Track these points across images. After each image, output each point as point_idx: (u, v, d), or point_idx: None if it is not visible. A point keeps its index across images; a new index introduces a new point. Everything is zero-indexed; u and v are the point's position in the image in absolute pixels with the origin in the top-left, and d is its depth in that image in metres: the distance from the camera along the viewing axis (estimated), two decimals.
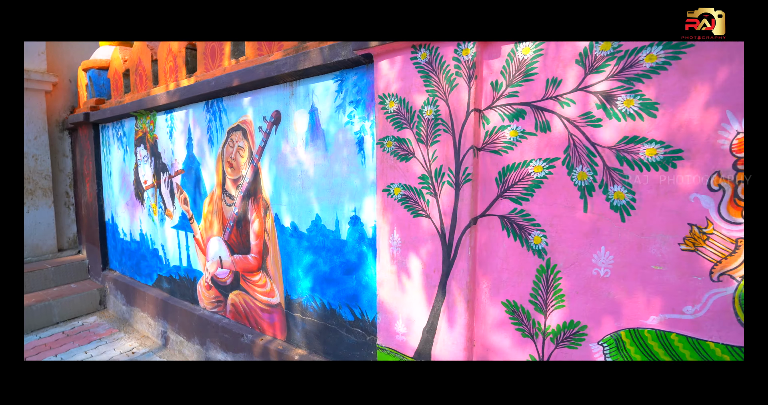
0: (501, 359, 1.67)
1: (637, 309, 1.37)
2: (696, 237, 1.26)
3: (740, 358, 1.22)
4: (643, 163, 1.32)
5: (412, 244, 1.81)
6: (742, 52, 1.16)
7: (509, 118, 1.56)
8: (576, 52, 1.41)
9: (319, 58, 2.09)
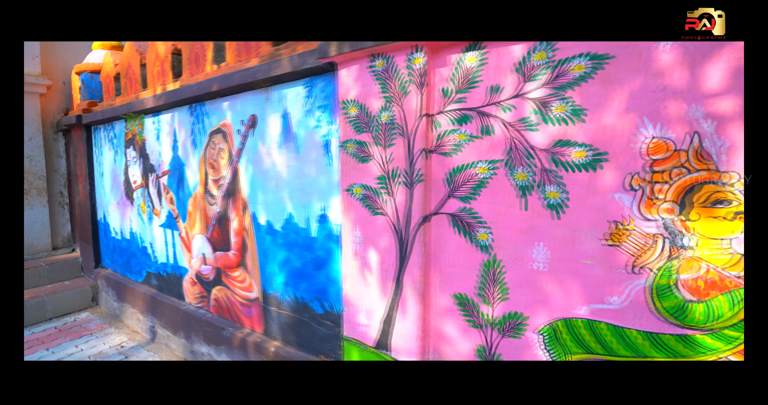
0: (452, 349, 1.75)
1: (570, 300, 1.45)
2: (618, 233, 1.34)
3: (655, 344, 1.31)
4: (574, 164, 1.40)
5: (371, 241, 1.89)
6: (654, 64, 1.24)
7: (457, 123, 1.64)
8: (515, 61, 1.49)
9: (289, 66, 2.17)
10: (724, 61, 1.15)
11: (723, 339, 1.21)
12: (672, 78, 1.22)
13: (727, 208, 1.17)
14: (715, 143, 1.18)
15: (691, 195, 1.22)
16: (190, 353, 3.16)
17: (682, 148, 1.22)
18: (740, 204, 1.15)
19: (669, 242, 1.26)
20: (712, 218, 1.20)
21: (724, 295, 1.20)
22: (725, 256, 1.19)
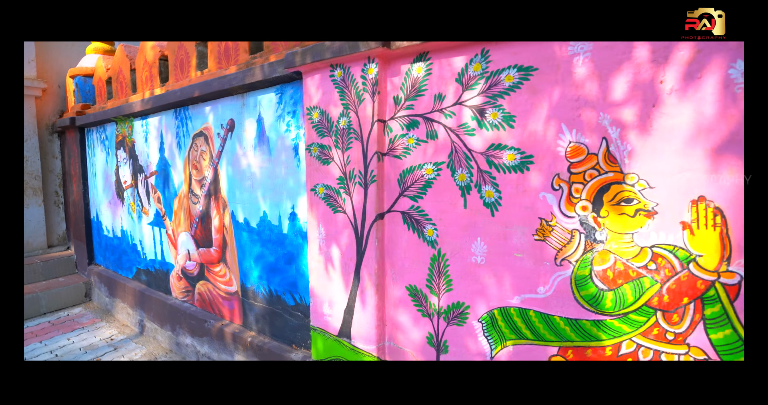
0: (405, 337, 1.87)
1: (504, 291, 1.57)
2: (544, 229, 1.45)
3: (575, 329, 1.42)
4: (506, 166, 1.51)
5: (333, 237, 2.00)
6: (570, 76, 1.36)
7: (406, 128, 1.75)
8: (455, 72, 1.60)
9: (261, 74, 2.28)
10: (625, 74, 1.26)
11: (629, 322, 1.33)
12: (585, 89, 1.34)
13: (631, 206, 1.29)
14: (620, 148, 1.29)
15: (603, 194, 1.33)
16: (175, 345, 3.27)
17: (594, 152, 1.34)
18: (641, 202, 1.27)
19: (585, 237, 1.38)
20: (619, 215, 1.31)
21: (628, 284, 1.31)
22: (631, 249, 1.30)
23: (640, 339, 1.32)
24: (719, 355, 1.20)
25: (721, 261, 1.17)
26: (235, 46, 2.63)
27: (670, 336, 1.27)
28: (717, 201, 1.16)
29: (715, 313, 1.20)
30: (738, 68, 1.11)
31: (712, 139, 1.16)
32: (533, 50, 1.42)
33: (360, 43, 1.73)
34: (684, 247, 1.22)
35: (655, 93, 1.23)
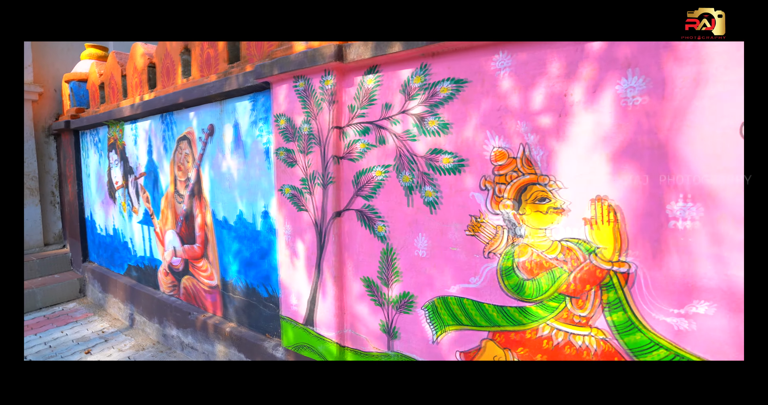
0: (362, 324, 2.01)
1: (443, 281, 1.71)
2: (474, 225, 1.60)
3: (502, 315, 1.57)
4: (443, 169, 1.66)
5: (298, 233, 2.15)
6: (495, 88, 1.50)
7: (360, 134, 1.90)
8: (401, 83, 1.75)
9: (236, 83, 2.42)
10: (539, 88, 1.41)
11: (545, 308, 1.47)
12: (507, 100, 1.48)
13: (546, 204, 1.44)
14: (537, 152, 1.44)
15: (522, 194, 1.48)
16: (162, 336, 3.41)
17: (515, 156, 1.48)
18: (553, 201, 1.42)
19: (508, 232, 1.52)
20: (536, 212, 1.46)
21: (544, 274, 1.46)
22: (545, 242, 1.45)
23: (555, 322, 1.46)
24: (616, 334, 1.35)
25: (615, 252, 1.32)
26: (216, 56, 2.77)
27: (577, 319, 1.41)
28: (612, 199, 1.31)
29: (611, 298, 1.34)
30: (622, 85, 1.26)
31: (608, 146, 1.31)
32: (465, 64, 1.57)
33: (318, 57, 1.88)
34: (587, 240, 1.36)
35: (563, 104, 1.37)
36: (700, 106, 1.16)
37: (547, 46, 1.39)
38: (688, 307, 1.22)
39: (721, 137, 1.14)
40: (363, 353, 2.03)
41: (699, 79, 1.16)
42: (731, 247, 1.14)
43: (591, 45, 1.31)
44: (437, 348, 1.77)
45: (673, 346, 1.26)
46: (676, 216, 1.21)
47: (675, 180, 1.21)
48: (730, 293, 1.16)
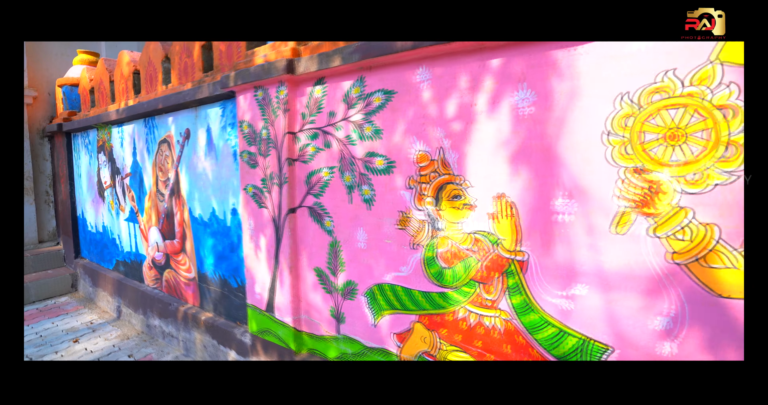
0: (316, 311, 2.19)
1: (380, 270, 1.89)
2: (403, 219, 1.78)
3: (427, 300, 1.74)
4: (378, 170, 1.84)
5: (259, 228, 2.32)
6: (418, 99, 1.68)
7: (310, 138, 2.07)
8: (343, 94, 1.92)
9: (208, 91, 2.59)
10: (452, 99, 1.59)
11: (462, 293, 1.65)
12: (427, 108, 1.66)
13: (459, 201, 1.61)
14: (452, 155, 1.61)
15: (441, 192, 1.66)
16: (146, 327, 3.58)
17: (435, 159, 1.66)
18: (465, 198, 1.59)
19: (430, 226, 1.70)
20: (452, 208, 1.63)
21: (460, 262, 1.64)
22: (460, 235, 1.62)
23: (470, 306, 1.64)
24: (516, 315, 1.52)
25: (513, 243, 1.49)
26: (192, 65, 2.94)
27: (487, 302, 1.59)
28: (511, 197, 1.49)
29: (512, 283, 1.52)
30: (516, 97, 1.43)
31: (506, 149, 1.48)
32: (393, 77, 1.74)
33: (272, 69, 2.05)
34: (491, 232, 1.54)
35: (470, 113, 1.55)
36: (574, 116, 1.34)
37: (457, 62, 1.56)
38: (569, 289, 1.40)
39: (589, 142, 1.31)
40: (317, 337, 2.21)
41: (573, 93, 1.34)
42: (600, 236, 1.32)
43: (491, 62, 1.49)
44: (377, 330, 1.94)
45: (560, 324, 1.44)
46: (559, 211, 1.39)
47: (557, 179, 1.39)
48: (601, 276, 1.34)
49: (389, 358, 1.91)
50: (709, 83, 1.14)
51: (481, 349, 1.63)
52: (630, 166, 1.26)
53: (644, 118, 1.23)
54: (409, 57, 1.66)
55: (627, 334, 1.32)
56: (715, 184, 1.15)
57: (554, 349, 1.46)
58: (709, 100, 1.14)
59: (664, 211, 1.22)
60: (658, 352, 1.27)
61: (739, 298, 1.14)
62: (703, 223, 1.17)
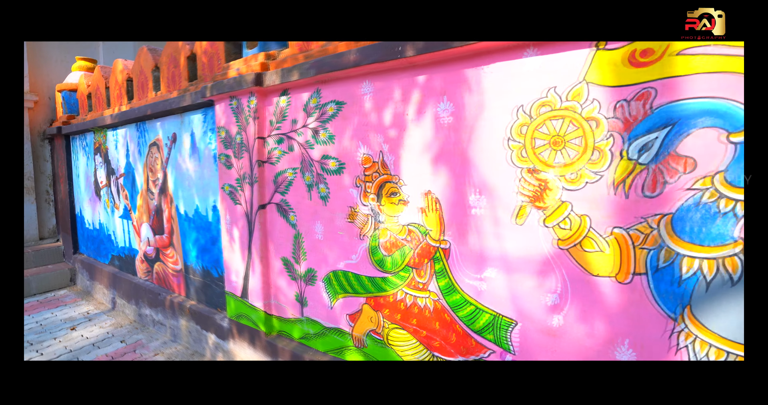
0: (284, 296, 2.42)
1: (334, 258, 2.13)
2: (352, 214, 2.01)
3: (372, 284, 1.98)
4: (331, 170, 2.07)
5: (235, 223, 2.56)
6: (362, 109, 1.91)
7: (277, 143, 2.31)
8: (303, 104, 2.16)
9: (191, 99, 2.83)
10: (388, 109, 1.82)
11: (400, 277, 1.89)
12: (370, 117, 1.89)
13: (396, 197, 1.85)
14: (389, 158, 1.85)
15: (381, 189, 1.89)
16: (138, 316, 3.81)
17: (377, 161, 1.89)
18: (400, 194, 1.83)
19: (373, 219, 1.93)
20: (390, 204, 1.87)
21: (398, 251, 1.87)
22: (397, 227, 1.86)
23: (406, 289, 1.88)
24: (442, 296, 1.76)
25: (439, 233, 1.73)
26: (179, 74, 3.18)
27: (419, 285, 1.83)
28: (436, 193, 1.72)
29: (438, 268, 1.76)
30: (438, 108, 1.67)
31: (431, 153, 1.72)
32: (344, 89, 1.98)
33: (243, 82, 2.29)
34: (422, 224, 1.78)
35: (403, 122, 1.79)
36: (483, 124, 1.57)
37: (393, 77, 1.80)
38: (482, 272, 1.64)
39: (495, 147, 1.55)
40: (284, 319, 2.44)
41: (482, 105, 1.57)
42: (504, 227, 1.56)
43: (418, 78, 1.72)
44: (333, 312, 2.18)
45: (476, 303, 1.67)
46: (472, 205, 1.63)
47: (471, 178, 1.62)
48: (505, 261, 1.57)
49: (344, 337, 2.15)
50: (580, 99, 1.37)
51: (416, 326, 1.87)
52: (526, 167, 1.50)
53: (535, 127, 1.47)
54: (355, 73, 1.90)
55: (527, 310, 1.56)
56: (586, 182, 1.38)
57: (472, 324, 1.69)
58: (580, 113, 1.38)
59: (551, 204, 1.46)
60: (549, 324, 1.50)
61: (605, 276, 1.38)
62: (579, 214, 1.41)
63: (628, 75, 1.29)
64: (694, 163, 1.21)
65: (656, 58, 1.25)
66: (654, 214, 1.28)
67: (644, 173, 1.29)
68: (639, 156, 1.29)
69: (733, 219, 1.17)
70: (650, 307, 1.32)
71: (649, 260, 1.31)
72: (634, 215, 1.31)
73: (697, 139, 1.21)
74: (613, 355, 1.40)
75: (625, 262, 1.34)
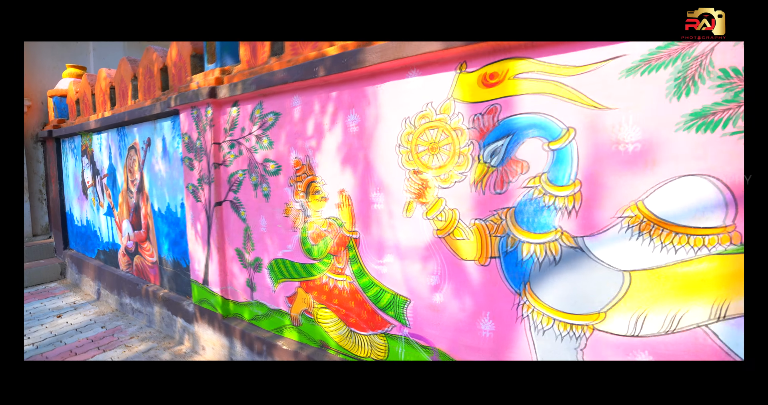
0: (237, 282, 2.74)
1: (275, 248, 2.44)
2: (287, 209, 2.32)
3: (305, 269, 2.29)
4: (271, 172, 2.38)
5: (197, 218, 2.88)
6: (292, 119, 2.22)
7: (230, 148, 2.62)
8: (249, 114, 2.47)
9: (161, 108, 3.15)
10: (311, 120, 2.13)
11: (324, 264, 2.20)
12: (298, 127, 2.20)
13: (319, 195, 2.16)
14: (314, 161, 2.16)
15: (308, 188, 2.20)
16: (119, 305, 4.14)
17: (305, 163, 2.20)
18: (322, 192, 2.14)
19: (303, 213, 2.25)
20: (315, 200, 2.18)
21: (321, 241, 2.18)
22: (320, 220, 2.17)
23: (328, 273, 2.19)
24: (355, 279, 2.07)
25: (351, 225, 2.04)
26: (153, 84, 3.50)
27: (338, 270, 2.14)
28: (348, 191, 2.03)
29: (351, 255, 2.07)
30: (348, 119, 1.98)
31: (342, 157, 2.03)
32: (280, 102, 2.29)
33: (200, 94, 2.60)
34: (338, 218, 2.09)
35: (322, 130, 2.10)
36: (380, 133, 1.88)
37: (314, 93, 2.11)
38: (383, 258, 1.95)
39: (389, 152, 1.86)
40: (238, 303, 2.76)
41: (379, 116, 1.88)
42: (397, 219, 1.86)
43: (332, 93, 2.03)
44: (276, 295, 2.49)
45: (380, 284, 1.98)
46: (374, 201, 1.94)
47: (373, 178, 1.93)
48: (399, 248, 1.88)
49: (284, 316, 2.46)
50: (448, 112, 1.68)
51: (338, 306, 2.18)
52: (411, 169, 1.80)
53: (418, 135, 1.77)
54: (287, 88, 2.21)
55: (416, 289, 1.86)
56: (455, 181, 1.69)
57: (378, 302, 2.00)
58: (449, 124, 1.68)
59: (431, 200, 1.77)
60: (433, 301, 1.81)
61: (471, 260, 1.68)
62: (451, 208, 1.72)
63: (481, 93, 1.60)
64: (528, 166, 1.52)
65: (500, 80, 1.56)
66: (502, 207, 1.59)
67: (494, 174, 1.60)
68: (491, 160, 1.60)
69: (554, 211, 1.47)
70: (502, 285, 1.62)
71: (500, 246, 1.61)
72: (489, 209, 1.62)
73: (528, 146, 1.51)
74: (479, 326, 1.70)
75: (484, 247, 1.65)
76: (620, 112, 1.34)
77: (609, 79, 1.35)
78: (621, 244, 1.38)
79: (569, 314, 1.50)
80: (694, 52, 1.21)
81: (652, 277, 1.34)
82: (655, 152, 1.31)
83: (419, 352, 1.88)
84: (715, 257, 1.24)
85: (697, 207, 1.26)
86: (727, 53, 1.16)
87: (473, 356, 1.73)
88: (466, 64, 1.63)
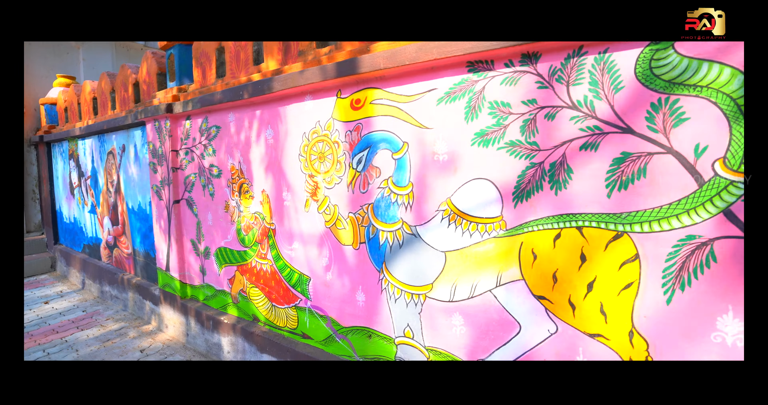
0: (192, 268, 3.34)
1: (219, 238, 3.04)
2: (227, 206, 2.93)
3: (241, 255, 2.89)
4: (215, 175, 2.99)
5: (160, 214, 3.50)
6: (230, 131, 2.83)
7: (185, 154, 3.24)
8: (199, 126, 3.08)
9: (131, 119, 3.78)
10: (243, 132, 2.73)
11: (253, 250, 2.80)
12: (233, 138, 2.81)
13: (248, 194, 2.76)
14: (244, 167, 2.76)
15: (241, 188, 2.80)
16: (101, 292, 4.78)
17: (239, 169, 2.81)
18: (250, 192, 2.74)
19: (237, 209, 2.85)
20: (245, 199, 2.78)
21: (251, 231, 2.78)
22: (249, 215, 2.77)
23: (256, 258, 2.79)
24: (274, 262, 2.66)
25: (269, 218, 2.64)
26: (128, 97, 4.13)
27: (262, 255, 2.73)
28: (267, 191, 2.63)
29: (271, 243, 2.66)
30: (266, 133, 2.58)
31: (265, 163, 2.63)
32: (220, 118, 2.90)
33: (160, 109, 3.22)
34: (261, 213, 2.69)
35: (249, 142, 2.70)
36: (287, 145, 2.48)
37: (243, 111, 2.71)
38: (292, 245, 2.54)
39: (294, 160, 2.45)
40: (193, 286, 3.37)
41: (287, 131, 2.48)
42: (300, 214, 2.45)
43: (256, 111, 2.63)
44: (220, 278, 3.10)
45: (291, 266, 2.57)
46: (285, 199, 2.53)
47: (284, 181, 2.53)
48: (302, 237, 2.47)
49: (227, 296, 3.06)
50: (330, 129, 2.27)
51: (263, 285, 2.77)
52: (308, 173, 2.40)
53: (311, 147, 2.37)
54: (225, 106, 2.82)
55: (314, 270, 2.45)
56: (336, 183, 2.28)
57: (290, 281, 2.59)
58: (331, 138, 2.27)
59: (321, 198, 2.36)
60: (325, 279, 2.40)
61: (348, 245, 2.26)
62: (333, 204, 2.30)
63: (351, 114, 2.19)
64: (380, 171, 2.10)
65: (362, 105, 2.15)
66: (366, 203, 2.17)
67: (360, 177, 2.18)
68: (357, 166, 2.19)
69: (398, 206, 2.05)
70: (369, 265, 2.21)
71: (366, 234, 2.20)
72: (359, 204, 2.20)
73: (381, 156, 2.10)
74: (356, 297, 2.28)
75: (356, 235, 2.24)
76: (436, 130, 1.92)
77: (428, 105, 1.93)
78: (440, 231, 1.95)
79: (411, 286, 2.07)
80: (475, 87, 1.78)
81: (460, 256, 1.92)
82: (457, 161, 1.88)
83: (318, 320, 2.47)
84: (493, 239, 1.81)
85: (482, 202, 1.84)
86: (495, 89, 1.74)
87: (354, 322, 2.31)
88: (341, 92, 2.22)
